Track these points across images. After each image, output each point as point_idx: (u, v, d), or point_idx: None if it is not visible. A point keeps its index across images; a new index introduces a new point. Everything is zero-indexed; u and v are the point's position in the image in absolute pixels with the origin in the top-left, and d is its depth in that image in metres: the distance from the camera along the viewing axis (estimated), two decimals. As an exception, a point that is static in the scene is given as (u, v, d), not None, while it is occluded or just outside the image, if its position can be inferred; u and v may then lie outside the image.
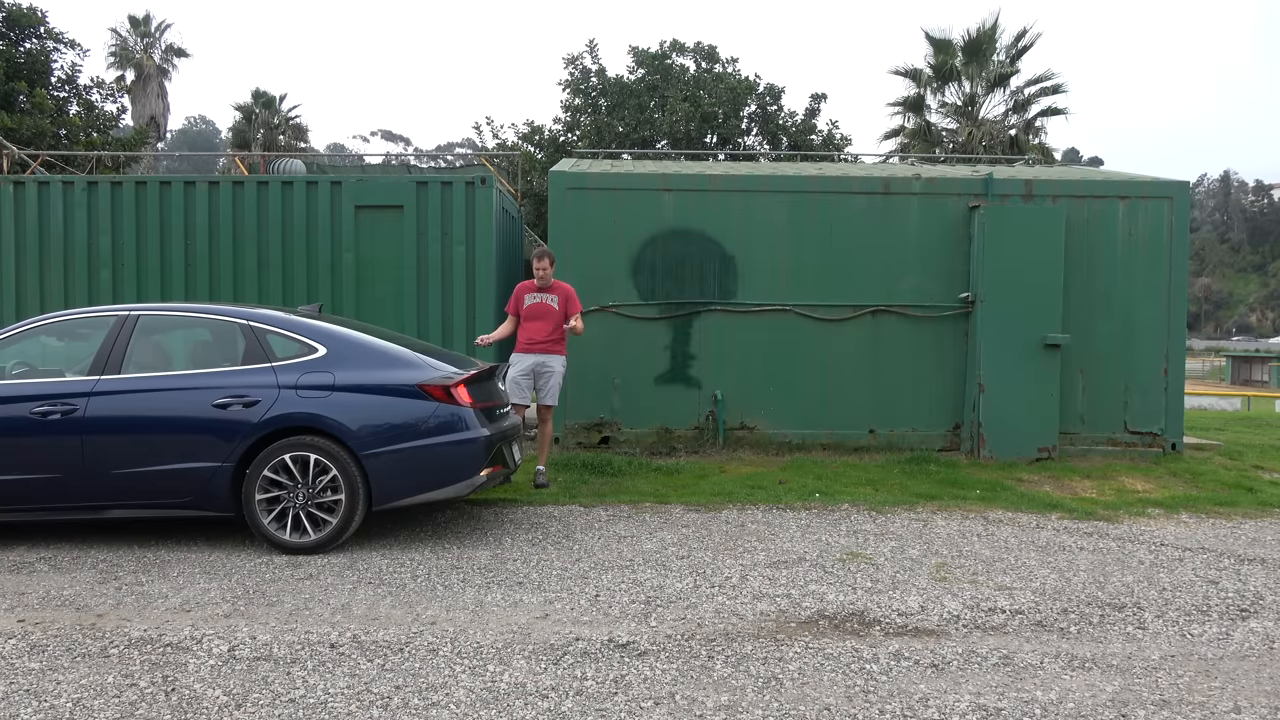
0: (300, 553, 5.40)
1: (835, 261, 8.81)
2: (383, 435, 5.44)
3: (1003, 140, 22.42)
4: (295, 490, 5.42)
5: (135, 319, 5.76)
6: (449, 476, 5.56)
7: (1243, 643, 4.13)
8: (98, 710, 3.34)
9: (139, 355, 5.67)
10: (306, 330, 5.75)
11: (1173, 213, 8.73)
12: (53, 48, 17.12)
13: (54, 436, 5.43)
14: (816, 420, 8.80)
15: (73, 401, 5.46)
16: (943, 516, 6.54)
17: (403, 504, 5.62)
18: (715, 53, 20.46)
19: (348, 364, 5.58)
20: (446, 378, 5.61)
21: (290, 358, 5.59)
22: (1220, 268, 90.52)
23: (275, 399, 5.43)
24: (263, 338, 5.66)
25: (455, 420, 5.55)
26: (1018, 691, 3.55)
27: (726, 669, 3.74)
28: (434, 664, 3.77)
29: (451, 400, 5.56)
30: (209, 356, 5.80)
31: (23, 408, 5.46)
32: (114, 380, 5.53)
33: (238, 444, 5.40)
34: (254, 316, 5.82)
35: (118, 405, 5.47)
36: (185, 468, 5.43)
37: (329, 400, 5.44)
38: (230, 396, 5.45)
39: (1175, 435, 8.75)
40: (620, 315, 8.80)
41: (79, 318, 6.04)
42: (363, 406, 5.46)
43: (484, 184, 8.79)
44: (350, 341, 5.77)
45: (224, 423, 5.42)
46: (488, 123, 22.50)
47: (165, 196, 8.96)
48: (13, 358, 5.84)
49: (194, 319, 6.03)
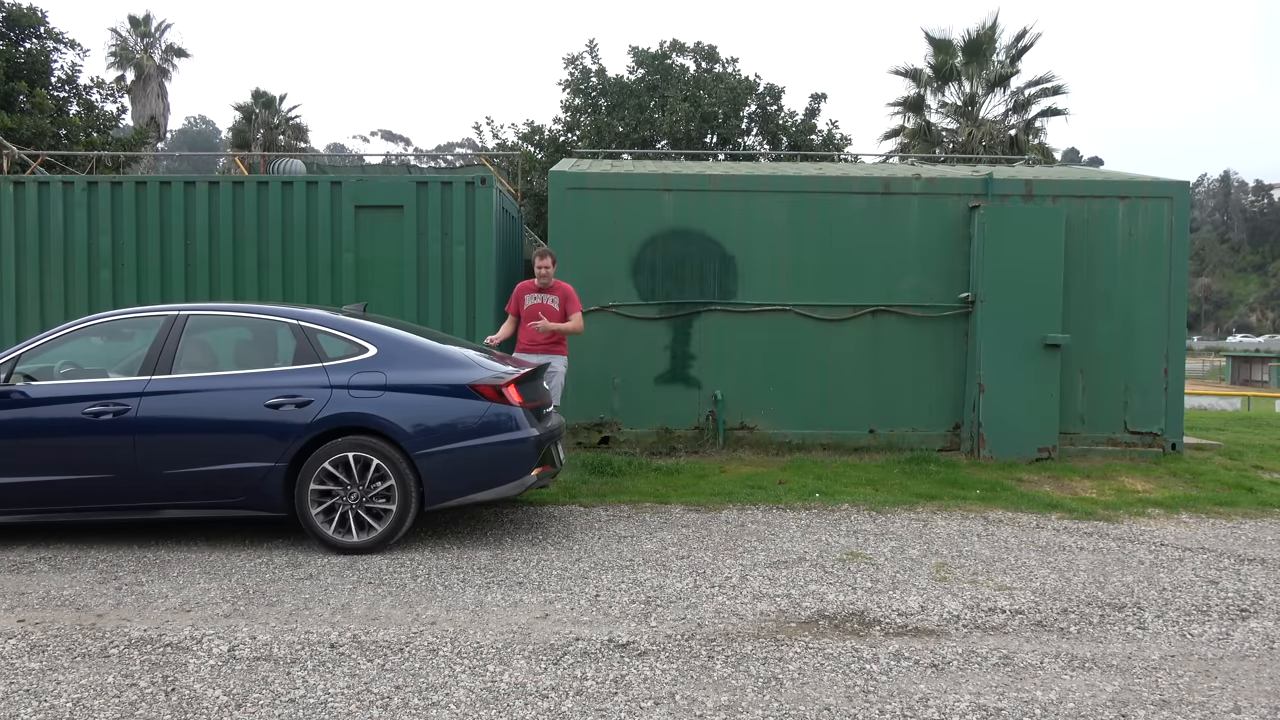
0: (353, 553, 5.39)
1: (835, 261, 8.81)
2: (435, 435, 5.44)
3: (1003, 140, 22.41)
4: (348, 490, 5.41)
5: (185, 319, 5.76)
6: (501, 476, 5.55)
7: (1243, 643, 4.13)
8: (98, 710, 3.34)
9: (189, 355, 5.66)
10: (356, 330, 5.74)
11: (1173, 213, 8.73)
12: (53, 48, 17.11)
13: (106, 437, 5.42)
14: (816, 420, 8.80)
15: (124, 401, 5.45)
16: (943, 516, 6.54)
17: (454, 504, 5.62)
18: (715, 53, 20.45)
19: (398, 364, 5.57)
20: (497, 377, 5.61)
21: (341, 357, 5.58)
22: (1220, 268, 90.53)
23: (328, 399, 5.42)
24: (313, 337, 5.65)
25: (506, 420, 5.54)
26: (1018, 691, 3.55)
27: (726, 669, 3.74)
28: (434, 664, 3.77)
29: (502, 400, 5.55)
30: (259, 356, 5.79)
31: (75, 408, 5.46)
32: (165, 380, 5.53)
33: (291, 444, 5.39)
34: (304, 316, 5.81)
35: (170, 405, 5.47)
36: (238, 468, 5.42)
37: (381, 400, 5.43)
38: (283, 396, 5.44)
39: (1175, 435, 8.75)
40: (620, 315, 8.80)
41: (127, 318, 6.03)
42: (415, 406, 5.45)
43: (484, 184, 8.79)
44: (400, 341, 5.77)
45: (277, 423, 5.41)
46: (488, 123, 22.51)
47: (165, 196, 8.96)
48: (61, 358, 5.83)
49: (243, 319, 6.01)
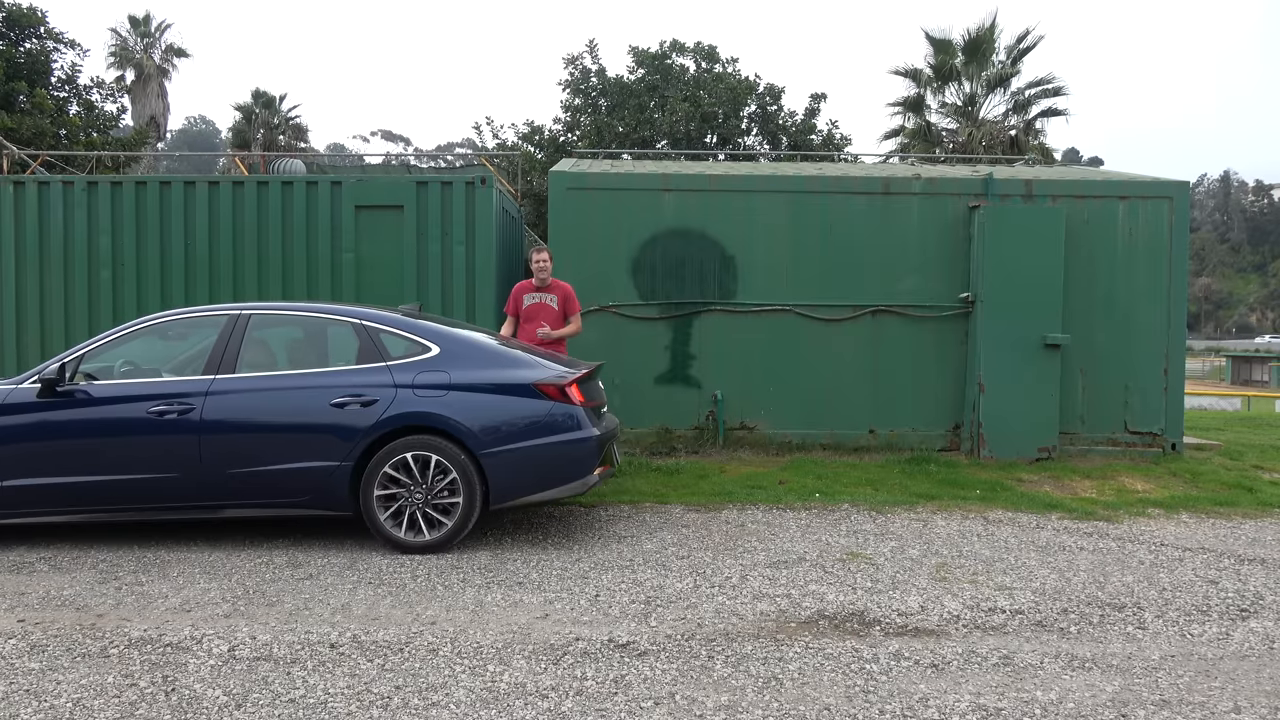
0: (418, 552, 5.39)
1: (835, 261, 8.81)
2: (500, 434, 5.44)
3: (1003, 140, 22.42)
4: (413, 490, 5.41)
5: (247, 318, 5.76)
6: (564, 475, 5.55)
7: (1243, 643, 4.13)
8: (98, 710, 3.34)
9: (251, 354, 5.67)
10: (419, 329, 5.75)
11: (1173, 213, 8.73)
12: (53, 48, 17.12)
13: (171, 436, 5.43)
14: (816, 420, 8.80)
15: (189, 401, 5.46)
16: (943, 516, 6.54)
17: (518, 503, 5.62)
18: (715, 53, 20.45)
19: (462, 363, 5.58)
20: (560, 376, 5.61)
21: (404, 357, 5.58)
22: (1220, 268, 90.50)
23: (393, 398, 5.42)
24: (376, 337, 5.66)
25: (570, 419, 5.54)
26: (1018, 691, 3.55)
27: (726, 669, 3.74)
28: (434, 664, 3.77)
29: (565, 399, 5.56)
30: (321, 356, 5.79)
31: (139, 407, 5.47)
32: (230, 380, 5.53)
33: (356, 443, 5.39)
34: (366, 315, 5.81)
35: (235, 404, 5.47)
36: (303, 467, 5.43)
37: (446, 399, 5.43)
38: (348, 396, 5.44)
39: (1175, 435, 8.75)
40: (620, 315, 8.80)
41: (190, 317, 6.03)
42: (479, 406, 5.45)
43: (484, 184, 8.79)
44: (462, 340, 5.78)
45: (342, 422, 5.41)
46: (488, 123, 22.51)
47: (165, 196, 8.96)
48: (123, 357, 5.83)
49: (304, 318, 6.00)
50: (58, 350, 8.94)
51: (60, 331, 8.97)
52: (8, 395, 5.54)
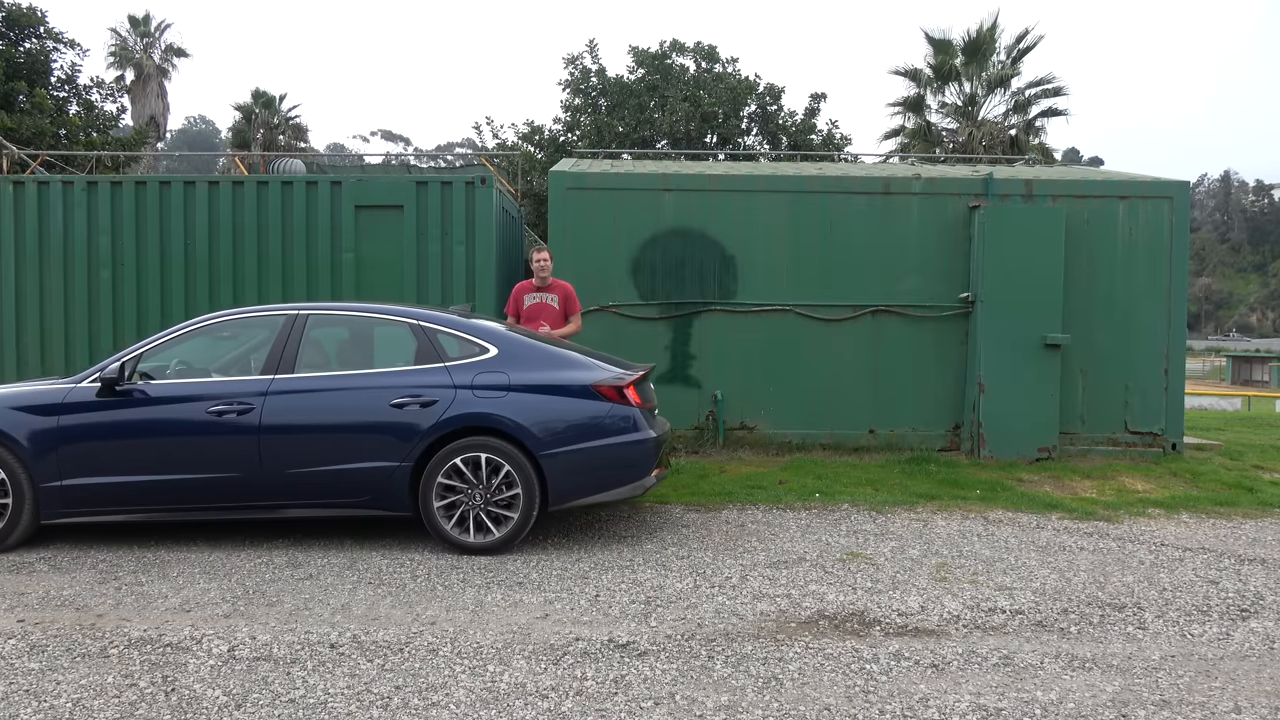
0: (477, 553, 5.38)
1: (835, 261, 8.81)
2: (559, 436, 5.43)
3: (1003, 140, 22.41)
4: (472, 491, 5.40)
5: (305, 318, 5.75)
6: (623, 477, 5.56)
7: (1243, 643, 4.13)
8: (97, 710, 3.34)
9: (309, 354, 5.66)
10: (476, 330, 5.75)
11: (1173, 213, 8.73)
12: (52, 48, 17.10)
13: (231, 436, 5.43)
14: (816, 420, 8.80)
15: (249, 401, 5.46)
16: (943, 516, 6.54)
17: (576, 505, 5.62)
18: (715, 53, 20.45)
19: (520, 364, 5.57)
20: (618, 378, 5.61)
21: (462, 358, 5.58)
22: (1220, 268, 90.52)
23: (452, 399, 5.42)
24: (434, 337, 5.66)
25: (628, 421, 5.55)
26: (1018, 691, 3.55)
27: (726, 669, 3.74)
28: (434, 664, 3.77)
29: (623, 401, 5.56)
30: (379, 356, 5.79)
31: (198, 407, 5.47)
32: (289, 380, 5.53)
33: (416, 444, 5.38)
34: (423, 316, 5.81)
35: (294, 405, 5.47)
36: (363, 467, 5.42)
37: (505, 400, 5.43)
38: (407, 396, 5.44)
39: (1175, 435, 8.75)
40: (620, 315, 8.80)
41: (245, 317, 6.00)
42: (538, 407, 5.45)
43: (484, 184, 8.78)
44: (520, 342, 5.78)
45: (402, 422, 5.41)
46: (488, 123, 22.52)
47: (165, 196, 8.96)
48: (176, 357, 5.83)
49: (361, 319, 5.97)
50: (58, 350, 8.96)
51: (60, 331, 8.97)
52: (67, 394, 5.55)
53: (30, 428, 5.46)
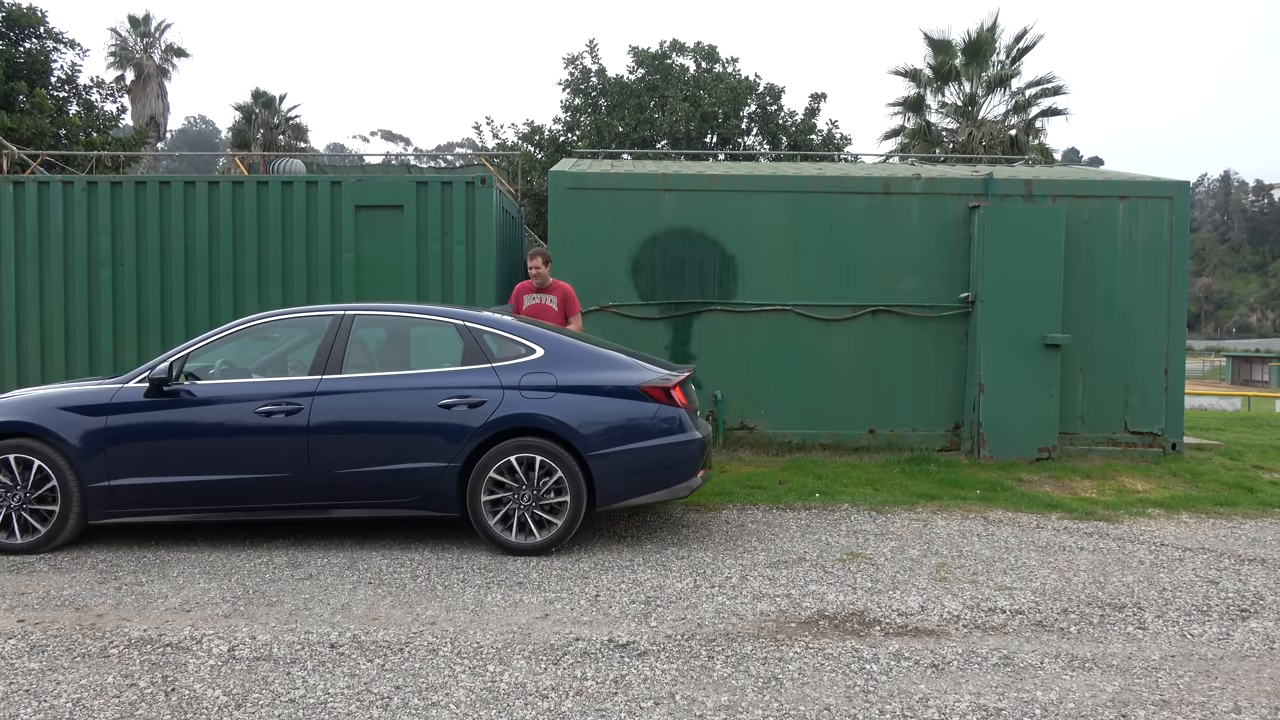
0: (525, 554, 5.38)
1: (835, 261, 8.81)
2: (607, 436, 5.44)
3: (1003, 140, 22.42)
4: (520, 492, 5.40)
5: (351, 319, 5.75)
6: (670, 478, 5.56)
7: (1243, 643, 4.13)
8: (97, 710, 3.34)
9: (355, 355, 5.67)
10: (522, 331, 5.75)
11: (1173, 213, 8.73)
12: (53, 48, 17.10)
13: (280, 437, 5.43)
14: (816, 420, 8.80)
15: (297, 401, 5.46)
16: (943, 516, 6.54)
17: (623, 505, 5.62)
18: (715, 53, 20.45)
19: (567, 365, 5.57)
20: (665, 379, 5.61)
21: (509, 358, 5.58)
22: (1220, 268, 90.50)
23: (500, 400, 5.42)
24: (480, 338, 5.66)
25: (675, 422, 5.55)
26: (1018, 691, 3.55)
27: (726, 669, 3.74)
28: (434, 664, 3.77)
29: (670, 402, 5.56)
30: (425, 357, 5.78)
31: (246, 407, 5.47)
32: (337, 380, 5.53)
33: (465, 444, 5.38)
34: (469, 317, 5.82)
35: (343, 405, 5.47)
36: (412, 468, 5.42)
37: (553, 401, 5.43)
38: (455, 397, 5.44)
39: (1175, 435, 8.75)
40: (620, 315, 8.80)
41: (292, 317, 5.99)
42: (587, 408, 5.45)
43: (484, 184, 8.79)
44: (566, 343, 5.77)
45: (451, 423, 5.41)
46: (488, 123, 22.53)
47: (165, 196, 8.96)
48: (221, 357, 5.83)
49: (407, 319, 5.96)
50: (58, 350, 8.96)
51: (60, 331, 8.97)
52: (115, 394, 5.54)
53: (78, 428, 5.46)
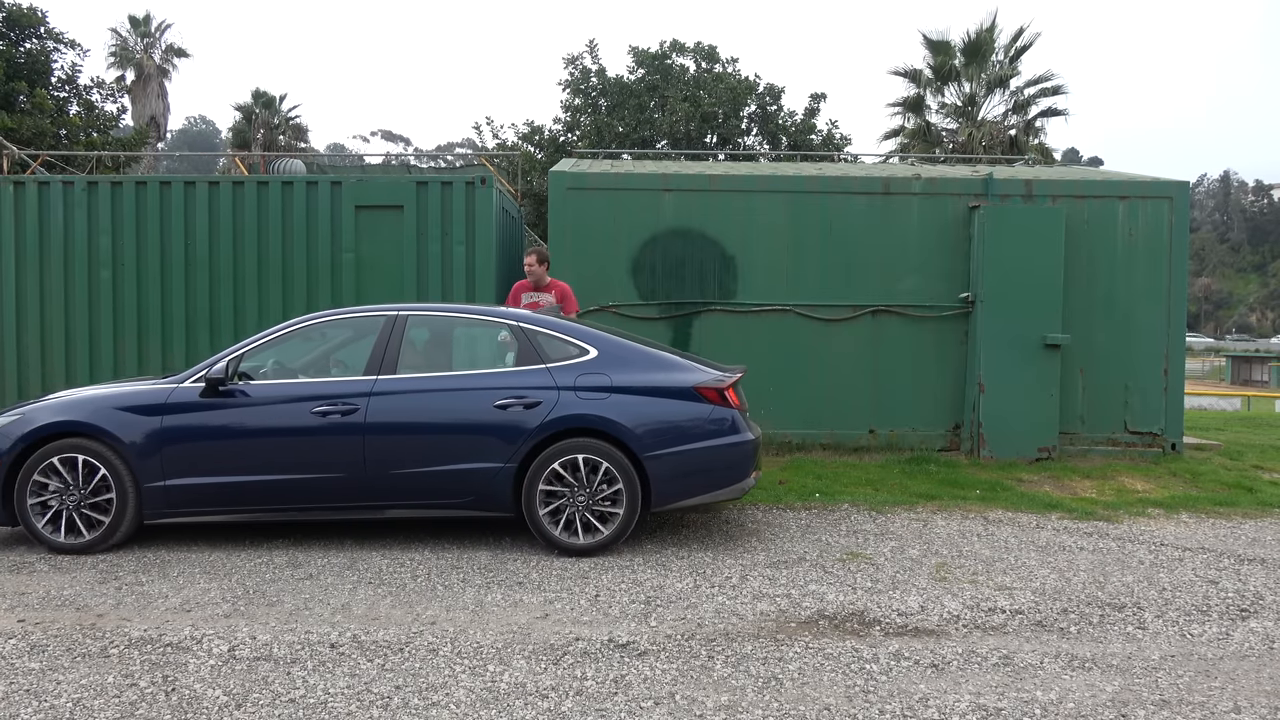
0: (581, 554, 5.38)
1: (835, 261, 8.81)
2: (663, 437, 5.44)
3: (1003, 140, 22.42)
4: (575, 492, 5.39)
5: (404, 319, 5.75)
6: (725, 479, 5.56)
7: (1243, 643, 4.13)
8: (98, 710, 3.34)
9: (410, 355, 5.67)
10: (575, 332, 5.75)
11: (1173, 213, 8.73)
12: (53, 48, 17.10)
13: (336, 437, 5.43)
14: (816, 420, 8.80)
15: (353, 401, 5.46)
16: (943, 516, 6.54)
17: (678, 506, 5.61)
18: (715, 53, 20.46)
19: (621, 366, 5.57)
20: (719, 380, 5.61)
21: (563, 359, 5.58)
22: (1220, 268, 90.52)
23: (556, 400, 5.42)
24: (534, 339, 5.66)
25: (729, 423, 5.55)
26: (1018, 691, 3.55)
27: (726, 669, 3.74)
28: (434, 664, 3.77)
29: (724, 403, 5.56)
30: (480, 357, 5.80)
31: (302, 408, 5.47)
32: (392, 380, 5.53)
33: (520, 445, 5.38)
34: (521, 317, 5.82)
35: (398, 405, 5.47)
36: (468, 468, 5.42)
37: (608, 402, 5.44)
38: (511, 398, 5.44)
39: (1175, 435, 8.75)
40: (620, 315, 8.79)
41: (345, 318, 6.00)
42: (642, 408, 5.45)
43: (484, 184, 8.78)
44: (619, 344, 5.77)
45: (506, 423, 5.41)
46: (488, 123, 22.55)
47: (165, 196, 8.96)
48: (273, 357, 5.83)
49: (461, 319, 5.98)
50: (58, 350, 8.96)
51: (60, 331, 8.96)
52: (171, 394, 5.54)
53: (135, 428, 5.46)
